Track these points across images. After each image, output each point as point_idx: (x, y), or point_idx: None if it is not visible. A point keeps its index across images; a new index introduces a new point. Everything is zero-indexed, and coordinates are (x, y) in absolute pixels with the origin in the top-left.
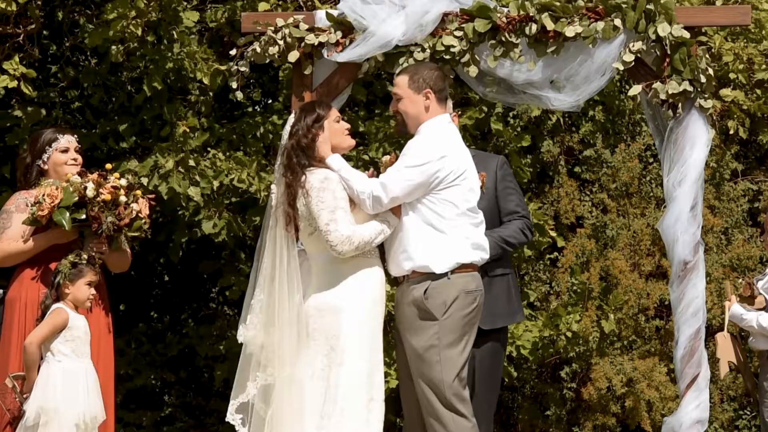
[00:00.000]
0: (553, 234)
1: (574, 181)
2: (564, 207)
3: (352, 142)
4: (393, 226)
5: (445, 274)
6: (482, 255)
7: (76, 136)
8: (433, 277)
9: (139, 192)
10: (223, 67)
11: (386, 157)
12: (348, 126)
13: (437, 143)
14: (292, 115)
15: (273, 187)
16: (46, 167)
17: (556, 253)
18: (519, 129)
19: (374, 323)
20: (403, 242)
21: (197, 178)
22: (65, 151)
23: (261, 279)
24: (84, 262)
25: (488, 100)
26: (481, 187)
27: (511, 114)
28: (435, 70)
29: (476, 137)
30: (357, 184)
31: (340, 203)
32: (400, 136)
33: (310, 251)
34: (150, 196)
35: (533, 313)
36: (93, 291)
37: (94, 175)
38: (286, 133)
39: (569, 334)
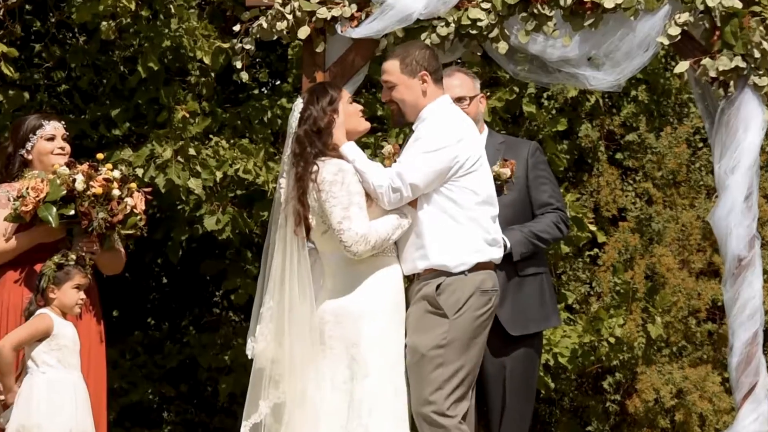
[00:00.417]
0: (592, 228)
1: (615, 169)
2: (605, 198)
3: (368, 124)
4: (411, 219)
5: (462, 272)
6: (500, 252)
7: (63, 122)
8: (447, 273)
9: (133, 185)
10: (226, 45)
11: (388, 147)
12: (361, 107)
13: (452, 126)
14: (300, 100)
15: (281, 180)
16: (30, 157)
17: (596, 250)
18: (554, 111)
19: (398, 328)
20: (418, 239)
21: (198, 168)
22: (51, 139)
23: (270, 284)
24: (71, 263)
25: (519, 79)
26: (511, 177)
27: (544, 95)
28: (426, 49)
29: (506, 121)
30: (373, 176)
31: (354, 198)
32: (396, 126)
33: (323, 251)
34: (146, 189)
35: (571, 316)
36: (82, 295)
37: (84, 166)
38: (294, 120)
39: (612, 340)
